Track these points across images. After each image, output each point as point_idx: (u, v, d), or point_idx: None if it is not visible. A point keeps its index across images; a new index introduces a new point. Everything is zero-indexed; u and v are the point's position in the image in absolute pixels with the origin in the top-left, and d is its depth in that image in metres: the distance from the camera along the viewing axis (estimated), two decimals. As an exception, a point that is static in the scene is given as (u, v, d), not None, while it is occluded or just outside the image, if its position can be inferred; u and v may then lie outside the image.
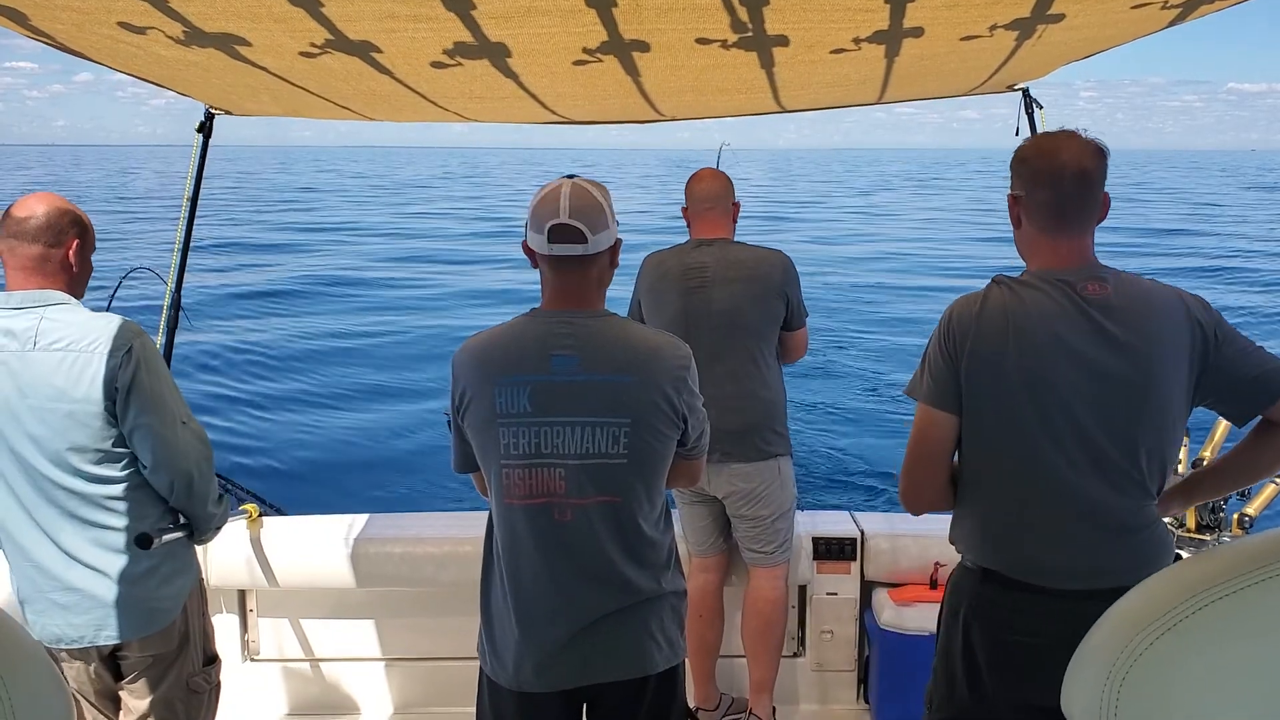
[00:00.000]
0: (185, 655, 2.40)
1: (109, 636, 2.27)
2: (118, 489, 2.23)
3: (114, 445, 2.21)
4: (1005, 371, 1.86)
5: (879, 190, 62.80)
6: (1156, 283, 1.92)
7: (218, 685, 2.54)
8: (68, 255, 2.24)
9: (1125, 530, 1.87)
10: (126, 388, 2.16)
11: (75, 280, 2.28)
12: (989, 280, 1.96)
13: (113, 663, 2.36)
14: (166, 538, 2.27)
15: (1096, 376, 1.83)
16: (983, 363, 1.87)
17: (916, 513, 2.05)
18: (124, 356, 2.16)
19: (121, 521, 2.25)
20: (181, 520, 2.36)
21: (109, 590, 2.25)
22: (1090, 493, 1.86)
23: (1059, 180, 1.88)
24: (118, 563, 2.25)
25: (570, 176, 1.96)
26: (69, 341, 2.15)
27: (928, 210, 44.17)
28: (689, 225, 3.21)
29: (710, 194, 3.16)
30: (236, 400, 10.90)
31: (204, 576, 3.21)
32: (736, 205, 3.21)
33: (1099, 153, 1.90)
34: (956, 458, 2.00)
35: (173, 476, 2.24)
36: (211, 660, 2.52)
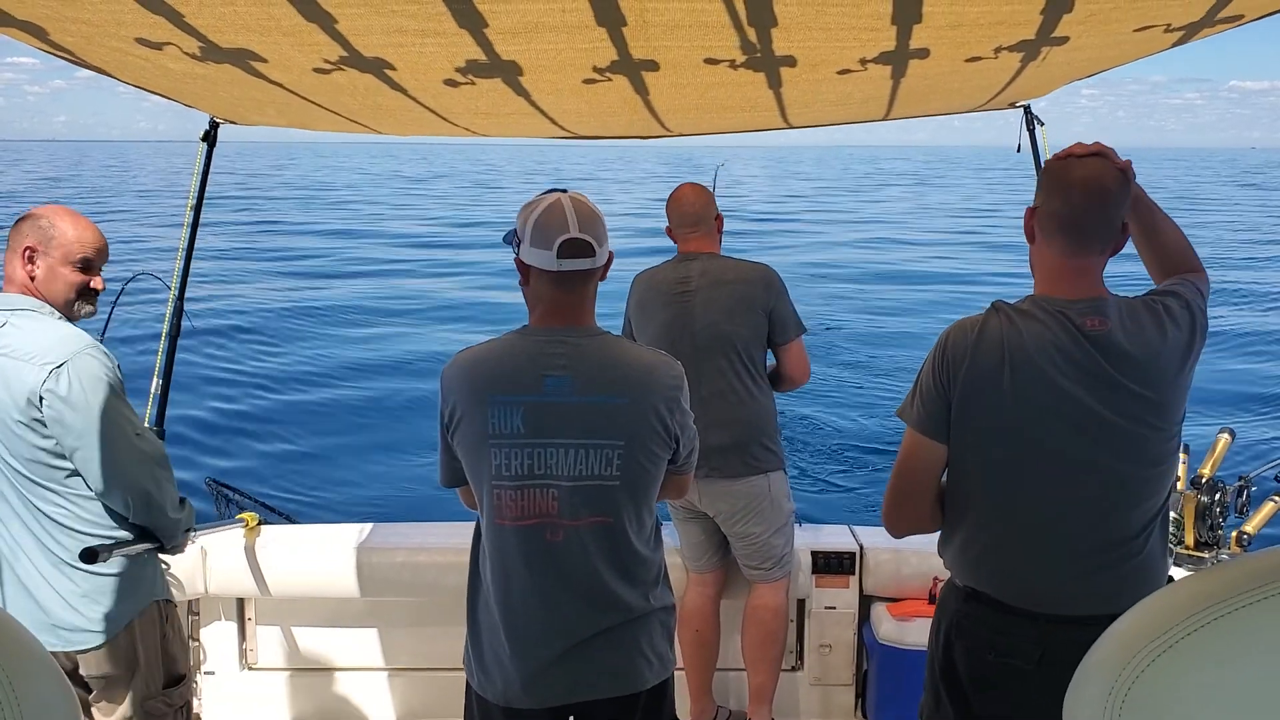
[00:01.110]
0: (138, 678, 2.36)
1: (45, 644, 2.24)
2: (62, 498, 2.22)
3: (49, 455, 2.18)
4: (997, 402, 1.85)
5: (879, 189, 62.75)
6: (1154, 310, 1.88)
7: (186, 705, 2.50)
8: (18, 260, 2.25)
9: (1109, 561, 1.88)
10: (58, 408, 2.14)
11: (43, 289, 2.26)
12: (988, 306, 1.94)
13: (78, 678, 2.34)
14: (119, 553, 2.23)
15: (1087, 414, 1.83)
16: (975, 392, 1.87)
17: (898, 535, 2.05)
18: (54, 371, 2.14)
19: (61, 532, 2.23)
20: (143, 532, 2.33)
21: (47, 597, 2.24)
22: (1075, 524, 1.86)
23: (1072, 192, 1.85)
24: (58, 572, 2.24)
25: (561, 190, 1.94)
26: (14, 349, 2.17)
27: (929, 210, 44.17)
28: (675, 243, 3.20)
29: (691, 217, 3.14)
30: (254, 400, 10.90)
31: (201, 589, 3.22)
32: (719, 219, 3.19)
33: (1122, 175, 1.87)
34: (944, 477, 2.00)
35: (127, 495, 2.23)
36: (177, 681, 2.47)
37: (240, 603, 3.40)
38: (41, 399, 2.14)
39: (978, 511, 1.93)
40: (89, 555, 2.17)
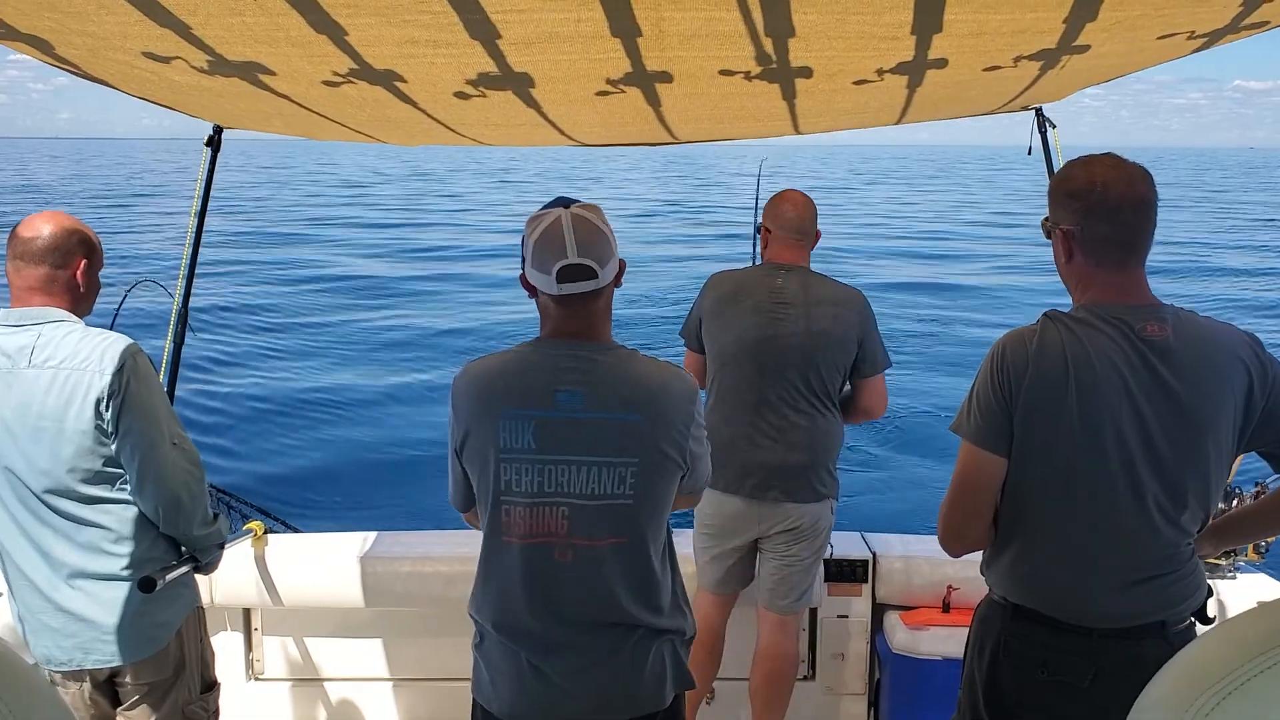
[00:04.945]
0: (181, 682, 2.37)
1: (97, 660, 2.25)
2: (111, 510, 2.21)
3: (105, 465, 2.18)
4: (1062, 412, 1.80)
5: (873, 186, 62.65)
6: (1213, 322, 1.87)
7: (216, 712, 2.51)
8: (74, 276, 2.23)
9: (1163, 572, 1.85)
10: (117, 403, 2.14)
11: (81, 299, 2.27)
12: (1040, 315, 1.90)
13: (109, 688, 2.34)
14: (170, 577, 2.24)
15: (1150, 423, 1.79)
16: (1040, 401, 1.81)
17: (957, 555, 1.99)
18: (115, 375, 2.14)
19: (114, 545, 2.22)
20: (184, 554, 2.34)
21: (98, 613, 2.22)
22: (1135, 535, 1.83)
23: (1120, 213, 1.81)
24: (109, 587, 2.23)
25: (564, 204, 1.88)
26: (62, 359, 2.14)
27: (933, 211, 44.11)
28: (765, 245, 3.12)
29: (800, 226, 3.06)
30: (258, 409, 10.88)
31: (207, 599, 3.20)
32: (818, 234, 3.13)
33: (1150, 178, 1.84)
34: None
35: (159, 498, 2.21)
36: (210, 687, 2.49)
37: (246, 613, 3.39)
38: (108, 402, 2.14)
39: (1034, 526, 1.88)
40: (147, 584, 2.18)
